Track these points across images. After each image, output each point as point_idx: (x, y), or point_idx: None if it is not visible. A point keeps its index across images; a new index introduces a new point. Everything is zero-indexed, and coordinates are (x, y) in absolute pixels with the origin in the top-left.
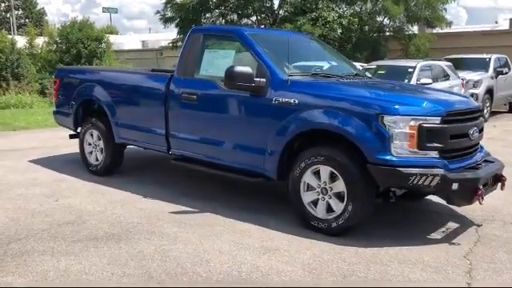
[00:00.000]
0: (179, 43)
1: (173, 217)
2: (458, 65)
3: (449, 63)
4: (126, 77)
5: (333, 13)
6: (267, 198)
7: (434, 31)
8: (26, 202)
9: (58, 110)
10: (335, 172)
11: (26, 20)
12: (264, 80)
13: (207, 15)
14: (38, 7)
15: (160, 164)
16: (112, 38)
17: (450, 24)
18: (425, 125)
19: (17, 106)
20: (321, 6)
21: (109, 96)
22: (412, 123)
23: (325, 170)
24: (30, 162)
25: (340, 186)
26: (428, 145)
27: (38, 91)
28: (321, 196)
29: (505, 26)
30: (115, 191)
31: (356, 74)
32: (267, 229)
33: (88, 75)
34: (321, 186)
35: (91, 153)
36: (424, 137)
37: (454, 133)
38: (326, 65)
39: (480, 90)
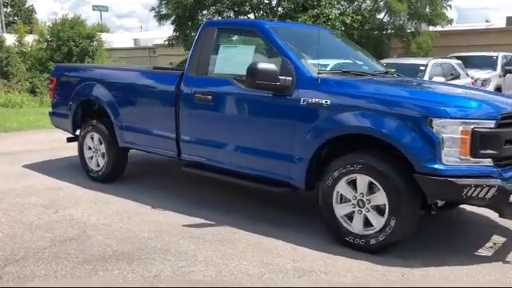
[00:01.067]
0: (175, 41)
1: (188, 231)
2: (465, 63)
3: (458, 61)
4: (130, 75)
5: (335, 10)
6: (290, 208)
7: (434, 29)
8: (22, 214)
9: (54, 111)
10: (375, 182)
11: (15, 18)
12: (290, 78)
13: (204, 12)
14: (27, 5)
15: (166, 169)
16: (104, 36)
17: (451, 22)
18: (478, 129)
19: (6, 105)
20: (323, 2)
21: (112, 96)
22: (464, 127)
23: (362, 180)
24: (25, 167)
25: (380, 197)
26: (482, 152)
27: (28, 90)
28: (357, 209)
29: (500, 24)
30: (120, 200)
31: (386, 72)
32: (296, 246)
33: (88, 73)
34: (357, 198)
35: (92, 158)
36: (478, 142)
37: (508, 138)
38: (352, 62)
39: (489, 89)
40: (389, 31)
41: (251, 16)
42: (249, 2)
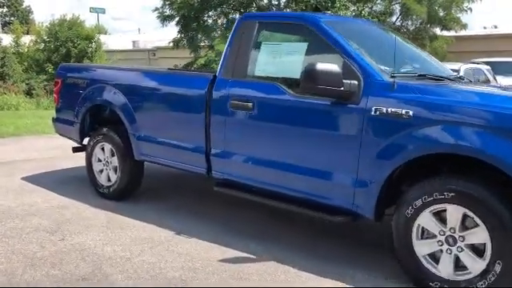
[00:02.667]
0: (180, 42)
1: (227, 268)
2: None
3: (487, 67)
4: (151, 78)
5: (349, 12)
6: (340, 237)
7: (448, 33)
8: (22, 242)
9: (58, 117)
10: (472, 215)
11: (12, 18)
12: (356, 82)
13: (210, 13)
14: (24, 5)
15: (189, 184)
16: (102, 38)
17: (465, 26)
18: None
19: (2, 107)
20: (337, 4)
21: (127, 101)
22: None
23: (455, 212)
24: (24, 179)
25: (479, 235)
26: None
27: (25, 92)
28: (445, 247)
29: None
30: (137, 224)
31: (459, 77)
32: None
33: (99, 75)
34: (446, 234)
35: (102, 171)
36: None
37: None
38: (419, 63)
39: None
40: (404, 36)
41: None
42: (256, 3)
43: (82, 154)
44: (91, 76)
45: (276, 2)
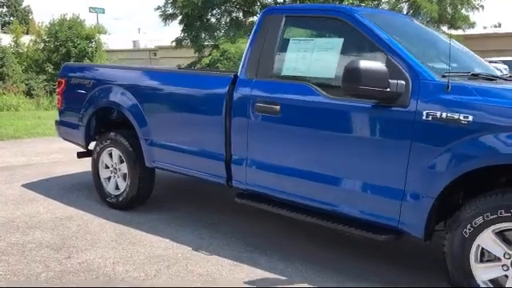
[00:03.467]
0: (184, 42)
1: None
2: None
3: (505, 66)
4: (164, 78)
5: None
6: (373, 254)
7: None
8: (24, 260)
9: (62, 120)
10: None
11: (11, 18)
12: (403, 83)
13: (214, 11)
14: (24, 5)
15: (200, 193)
16: (103, 38)
17: (473, 25)
18: None
19: (1, 108)
20: (346, 3)
21: (138, 104)
22: None
23: None
24: (24, 186)
25: None
26: None
27: (25, 92)
28: (511, 272)
29: None
30: (150, 239)
31: (506, 74)
32: None
33: (106, 75)
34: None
35: (109, 179)
36: None
37: None
38: (463, 60)
39: None
40: None
41: None
42: (260, 1)
43: (87, 160)
44: (97, 76)
45: (281, 0)
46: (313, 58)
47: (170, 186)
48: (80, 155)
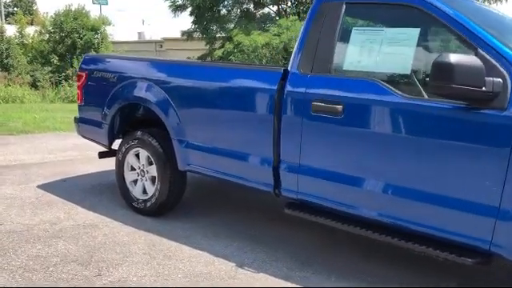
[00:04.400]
0: (195, 34)
1: None
2: None
3: None
4: (202, 72)
5: None
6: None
7: None
8: (50, 278)
9: (82, 118)
10: None
11: (15, 8)
12: (500, 81)
13: (225, 3)
14: None
15: (231, 196)
16: (108, 29)
17: None
18: None
19: (6, 100)
20: None
21: (171, 101)
22: None
23: None
24: (41, 188)
25: None
26: None
27: (30, 84)
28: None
29: None
30: (186, 252)
31: None
32: None
33: (133, 68)
34: None
35: (136, 182)
36: None
37: None
38: None
39: None
40: None
41: (274, 8)
42: None
43: (108, 159)
44: (123, 69)
45: None
46: (382, 51)
47: (199, 189)
48: (102, 155)
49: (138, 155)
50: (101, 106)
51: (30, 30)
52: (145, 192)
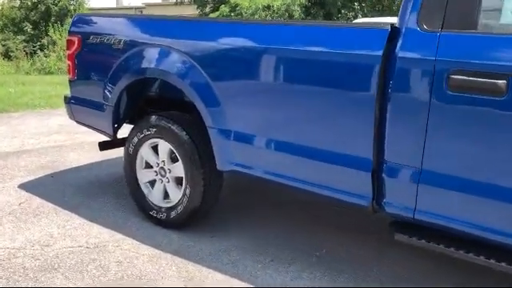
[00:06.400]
0: None
1: None
2: None
3: None
4: (255, 33)
5: None
6: None
7: None
8: None
9: (76, 97)
10: None
11: None
12: None
13: None
14: None
15: (280, 194)
16: None
17: None
18: None
19: None
20: None
21: (206, 74)
22: None
23: None
24: (22, 188)
25: None
26: None
27: (2, 54)
28: None
29: None
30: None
31: None
32: None
33: (147, 31)
34: None
35: (153, 183)
36: None
37: None
38: None
39: None
40: None
41: None
42: None
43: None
44: (132, 32)
45: None
46: None
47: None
48: (103, 147)
49: (155, 148)
50: (102, 82)
51: None
52: (167, 197)
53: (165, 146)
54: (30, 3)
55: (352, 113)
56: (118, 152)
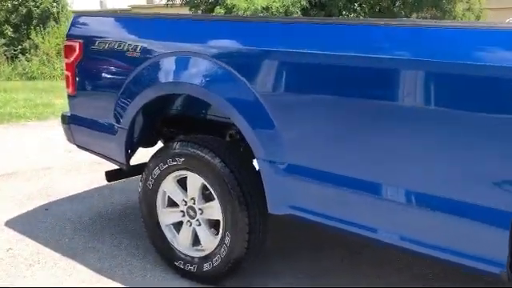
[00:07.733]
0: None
1: None
2: None
3: None
4: (325, 35)
5: None
6: None
7: None
8: None
9: (77, 117)
10: None
11: None
12: None
13: None
14: None
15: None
16: None
17: None
18: None
19: None
20: None
21: (254, 91)
22: None
23: None
24: (11, 227)
25: None
26: None
27: None
28: None
29: None
30: None
31: None
32: None
33: (170, 35)
34: None
35: (179, 225)
36: None
37: None
38: None
39: None
40: None
41: None
42: None
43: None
44: (153, 36)
45: None
46: None
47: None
48: (112, 176)
49: (183, 182)
50: (111, 98)
51: None
52: (197, 244)
53: (195, 180)
54: (10, 5)
55: (477, 145)
56: None
